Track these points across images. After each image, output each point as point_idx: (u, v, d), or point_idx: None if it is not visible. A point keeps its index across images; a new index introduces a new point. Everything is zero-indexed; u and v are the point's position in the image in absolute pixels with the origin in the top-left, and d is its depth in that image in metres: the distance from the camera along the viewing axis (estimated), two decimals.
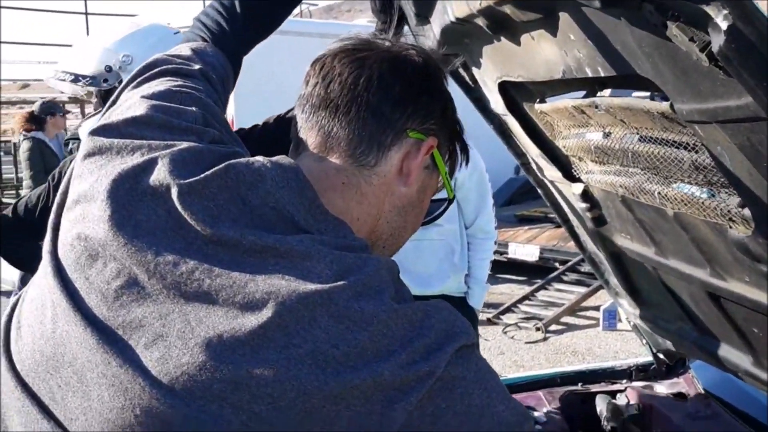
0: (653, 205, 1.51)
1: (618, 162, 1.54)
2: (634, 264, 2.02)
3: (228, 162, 0.93)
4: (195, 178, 0.91)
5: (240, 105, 7.26)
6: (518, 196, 10.67)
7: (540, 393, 2.52)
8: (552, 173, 1.96)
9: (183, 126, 1.02)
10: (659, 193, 1.44)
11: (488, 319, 7.19)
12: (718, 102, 1.01)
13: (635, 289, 2.26)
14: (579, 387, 2.55)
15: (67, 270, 0.91)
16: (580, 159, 1.73)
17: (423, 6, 1.68)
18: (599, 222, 1.96)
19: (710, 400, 2.35)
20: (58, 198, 1.02)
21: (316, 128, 1.04)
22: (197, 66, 1.20)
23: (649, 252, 1.81)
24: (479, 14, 1.41)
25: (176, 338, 0.83)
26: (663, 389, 2.47)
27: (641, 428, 2.34)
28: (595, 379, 2.60)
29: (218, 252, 0.87)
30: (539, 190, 2.24)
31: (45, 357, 0.89)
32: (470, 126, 1.17)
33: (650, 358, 2.56)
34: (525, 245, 8.65)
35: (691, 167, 1.28)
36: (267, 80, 7.80)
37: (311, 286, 0.83)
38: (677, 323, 2.10)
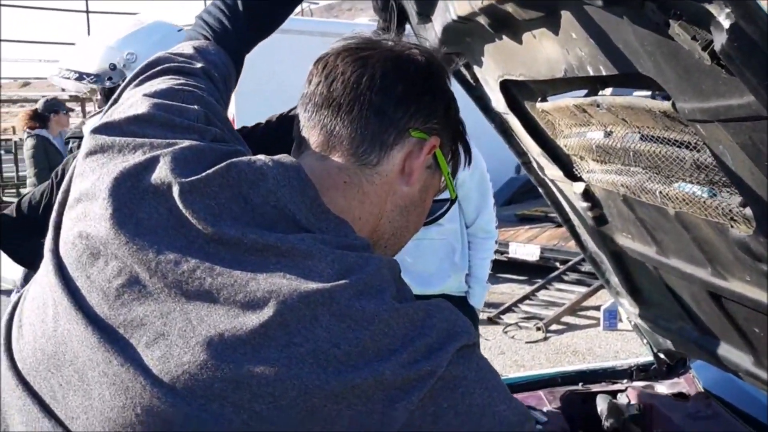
0: (654, 205, 1.51)
1: (619, 161, 1.54)
2: (635, 263, 2.02)
3: (230, 160, 0.93)
4: (196, 177, 0.91)
5: (241, 103, 7.25)
6: (519, 196, 10.67)
7: (541, 393, 2.52)
8: (553, 172, 1.96)
9: (185, 124, 1.02)
10: (661, 192, 1.44)
11: (489, 319, 7.18)
12: (720, 101, 1.01)
13: (636, 289, 2.25)
14: (580, 387, 2.55)
15: (69, 268, 0.91)
16: (582, 158, 1.73)
17: (425, 4, 1.68)
18: (600, 221, 1.95)
19: (711, 400, 2.35)
20: (60, 196, 1.02)
21: (319, 127, 1.04)
22: (199, 64, 1.20)
23: (651, 251, 1.81)
24: (481, 12, 1.41)
25: (177, 337, 0.82)
26: (664, 389, 2.47)
27: (642, 428, 2.34)
28: (596, 379, 2.59)
29: (219, 251, 0.87)
30: (540, 189, 2.24)
31: (46, 355, 0.88)
32: (471, 125, 1.16)
33: (651, 358, 2.56)
34: (526, 245, 8.64)
35: (693, 166, 1.27)
36: (268, 79, 7.79)
37: (313, 285, 0.83)
38: (678, 323, 2.10)
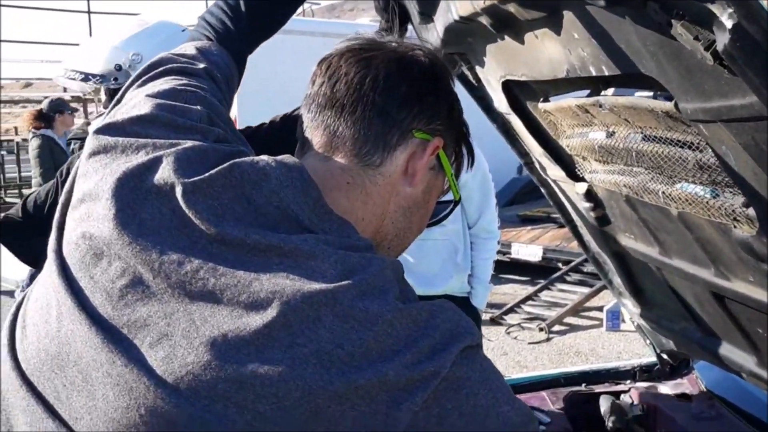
0: (657, 205, 1.51)
1: (622, 161, 1.54)
2: (638, 264, 2.02)
3: (233, 161, 0.93)
4: (199, 177, 0.91)
5: (243, 104, 7.25)
6: (521, 196, 10.67)
7: (544, 393, 2.51)
8: (555, 173, 1.96)
9: (188, 125, 1.02)
10: (663, 193, 1.44)
11: (491, 320, 7.18)
12: (723, 101, 1.01)
13: (639, 289, 2.25)
14: (583, 387, 2.55)
15: (72, 269, 0.91)
16: (584, 158, 1.73)
17: (427, 5, 1.68)
18: (603, 222, 1.95)
19: (714, 401, 2.34)
20: (63, 197, 1.02)
21: (322, 128, 1.04)
22: (202, 65, 1.20)
23: (653, 252, 1.81)
24: (483, 13, 1.41)
25: (181, 337, 0.82)
26: (667, 390, 2.47)
27: (645, 429, 2.34)
28: (599, 380, 2.59)
29: (223, 251, 0.87)
30: (543, 190, 2.24)
31: (50, 356, 0.88)
32: (473, 125, 1.16)
33: (654, 359, 2.56)
34: (528, 245, 8.64)
35: (696, 166, 1.27)
36: (270, 79, 7.80)
37: (316, 286, 0.83)
38: (681, 323, 2.10)
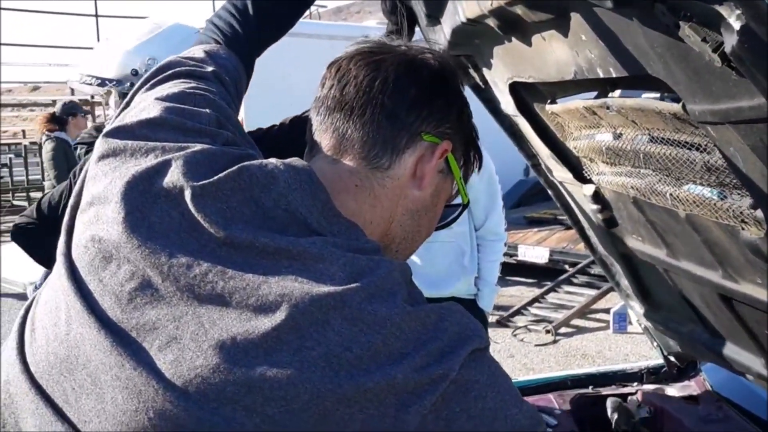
0: (665, 207, 1.51)
1: (629, 163, 1.53)
2: (645, 266, 2.01)
3: (241, 164, 0.93)
4: (208, 180, 0.91)
5: (250, 106, 7.25)
6: (528, 198, 10.66)
7: (550, 396, 2.51)
8: (562, 174, 1.95)
9: (197, 128, 1.02)
10: (671, 195, 1.43)
11: (498, 322, 7.18)
12: (731, 103, 1.01)
13: (646, 291, 2.25)
14: (589, 390, 2.55)
15: (81, 272, 0.91)
16: (591, 160, 1.72)
17: (434, 7, 1.68)
18: (610, 223, 1.95)
19: (722, 403, 2.34)
20: (72, 199, 1.02)
21: (331, 130, 1.04)
22: (210, 68, 1.20)
23: (661, 254, 1.81)
24: (490, 15, 1.41)
25: (190, 341, 0.82)
26: (674, 392, 2.46)
27: (652, 431, 2.33)
28: (606, 382, 2.59)
29: (231, 254, 0.87)
30: (550, 191, 2.24)
31: (59, 359, 0.88)
32: (479, 127, 1.16)
33: (661, 361, 2.56)
34: (535, 247, 8.63)
35: (703, 168, 1.27)
36: (276, 82, 7.81)
37: (324, 289, 0.83)
38: (688, 325, 2.09)
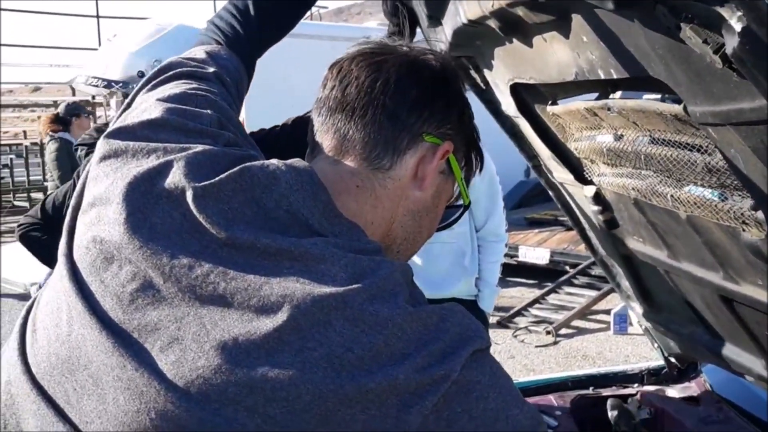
0: (666, 208, 1.51)
1: (630, 164, 1.53)
2: (646, 267, 2.01)
3: (243, 165, 0.93)
4: (210, 181, 0.91)
5: (251, 107, 7.25)
6: (528, 199, 10.66)
7: (551, 397, 2.51)
8: (563, 176, 1.95)
9: (198, 129, 1.02)
10: (672, 196, 1.43)
11: (499, 323, 7.17)
12: (732, 104, 1.01)
13: (647, 293, 2.25)
14: (590, 391, 2.55)
15: (83, 273, 0.91)
16: (592, 161, 1.73)
17: (435, 8, 1.68)
18: (611, 225, 1.95)
19: (722, 404, 2.34)
20: (74, 200, 1.02)
21: (332, 131, 1.04)
22: (211, 69, 1.20)
23: (662, 255, 1.81)
24: (491, 16, 1.41)
25: (191, 341, 0.82)
26: (675, 393, 2.46)
27: None
28: (606, 383, 2.59)
29: (233, 255, 0.87)
30: (551, 192, 2.24)
31: (60, 360, 0.88)
32: (480, 128, 1.16)
33: (662, 362, 2.56)
34: (535, 248, 8.62)
35: (704, 170, 1.27)
36: (277, 83, 7.81)
37: (326, 289, 0.83)
38: (689, 327, 2.09)
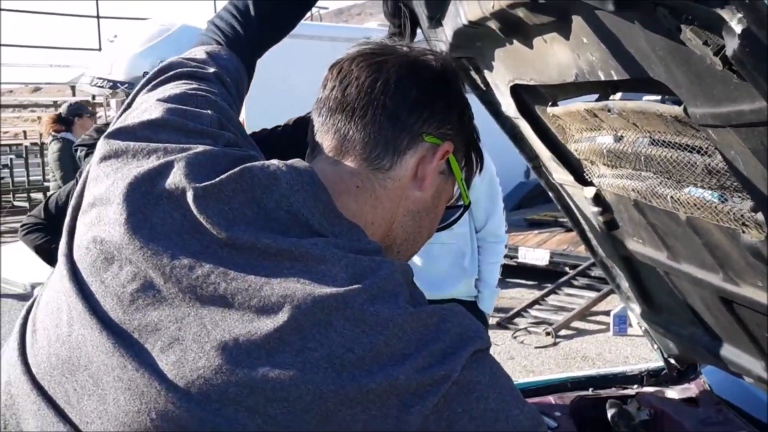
0: (666, 209, 1.51)
1: (630, 166, 1.54)
2: (646, 268, 2.01)
3: (243, 165, 0.93)
4: (210, 182, 0.91)
5: (251, 108, 7.25)
6: (528, 200, 10.66)
7: (550, 398, 2.51)
8: (563, 177, 1.96)
9: (198, 129, 1.02)
10: (672, 197, 1.44)
11: (498, 324, 7.17)
12: (732, 106, 1.01)
13: (647, 294, 2.25)
14: (589, 392, 2.55)
15: (83, 273, 0.91)
16: (592, 162, 1.73)
17: (435, 9, 1.68)
18: (611, 226, 1.95)
19: (722, 406, 2.34)
20: (74, 201, 1.02)
21: (332, 131, 1.04)
22: (212, 69, 1.20)
23: (662, 256, 1.81)
24: (492, 17, 1.41)
25: (192, 342, 0.82)
26: (674, 394, 2.46)
27: None
28: (606, 384, 2.59)
29: (233, 255, 0.87)
30: (551, 194, 2.24)
31: (61, 360, 0.88)
32: (480, 129, 1.16)
33: (661, 363, 2.56)
34: (535, 249, 8.62)
35: (704, 171, 1.27)
36: (278, 83, 7.81)
37: (327, 290, 0.83)
38: (689, 328, 2.09)
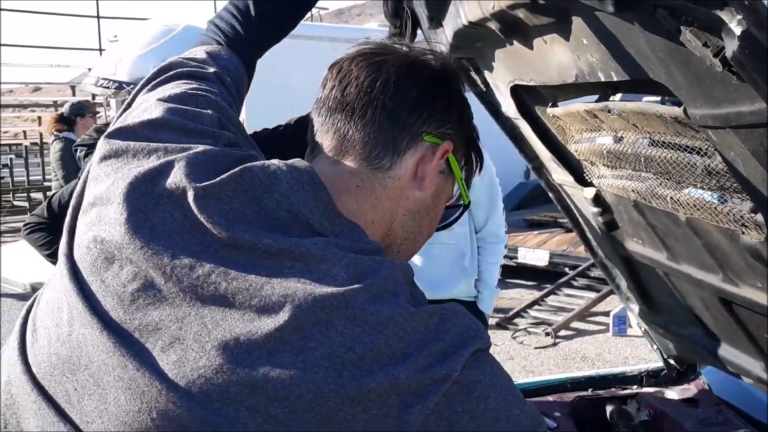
0: (665, 210, 1.51)
1: (630, 166, 1.54)
2: (646, 269, 2.02)
3: (244, 165, 0.93)
4: (211, 182, 0.91)
5: (251, 108, 7.25)
6: (528, 201, 10.66)
7: (550, 398, 2.51)
8: (563, 177, 1.96)
9: (199, 129, 1.02)
10: (671, 198, 1.44)
11: (498, 324, 7.17)
12: (732, 107, 1.01)
13: (646, 294, 2.25)
14: (589, 392, 2.55)
15: (83, 273, 0.91)
16: (592, 163, 1.73)
17: (435, 9, 1.68)
18: (611, 227, 1.95)
19: (721, 406, 2.34)
20: (74, 200, 1.02)
21: (332, 131, 1.04)
22: (212, 69, 1.20)
23: (661, 257, 1.81)
24: (492, 18, 1.41)
25: (193, 341, 0.83)
26: (674, 395, 2.47)
27: None
28: (606, 385, 2.59)
29: (234, 255, 0.87)
30: (550, 194, 2.24)
31: (61, 360, 0.88)
32: (480, 130, 1.16)
33: (661, 364, 2.56)
34: (535, 250, 8.62)
35: (704, 172, 1.27)
36: (278, 83, 7.81)
37: (327, 289, 0.83)
38: (688, 328, 2.10)
